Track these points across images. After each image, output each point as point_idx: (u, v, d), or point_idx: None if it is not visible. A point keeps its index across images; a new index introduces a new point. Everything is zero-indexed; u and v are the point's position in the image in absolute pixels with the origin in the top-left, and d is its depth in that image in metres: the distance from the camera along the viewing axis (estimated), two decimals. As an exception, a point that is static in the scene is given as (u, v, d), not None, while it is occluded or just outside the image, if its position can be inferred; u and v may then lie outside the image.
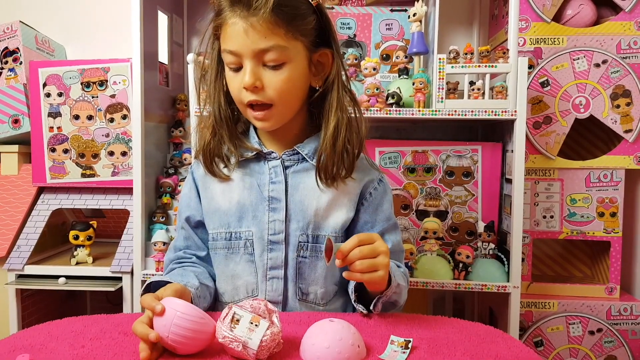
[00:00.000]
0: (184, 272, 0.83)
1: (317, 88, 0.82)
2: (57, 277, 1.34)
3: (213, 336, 0.63)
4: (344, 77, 0.83)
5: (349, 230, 0.86)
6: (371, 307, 0.77)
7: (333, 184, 0.82)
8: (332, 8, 1.45)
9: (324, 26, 0.80)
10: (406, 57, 1.35)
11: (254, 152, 0.85)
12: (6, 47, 1.53)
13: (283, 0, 0.73)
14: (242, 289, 0.85)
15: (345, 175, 0.82)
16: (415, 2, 1.31)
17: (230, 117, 0.84)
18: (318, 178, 0.82)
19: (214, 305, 0.88)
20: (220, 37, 0.78)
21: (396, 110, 1.23)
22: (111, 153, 1.47)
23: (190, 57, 1.27)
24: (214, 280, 0.88)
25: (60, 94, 1.47)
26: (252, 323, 0.62)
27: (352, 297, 0.80)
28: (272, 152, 0.84)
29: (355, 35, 1.45)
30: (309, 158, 0.83)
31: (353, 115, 0.84)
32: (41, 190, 1.51)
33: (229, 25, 0.75)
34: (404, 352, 0.64)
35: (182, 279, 0.79)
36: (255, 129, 0.87)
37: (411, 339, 0.67)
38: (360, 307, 0.79)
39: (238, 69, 0.77)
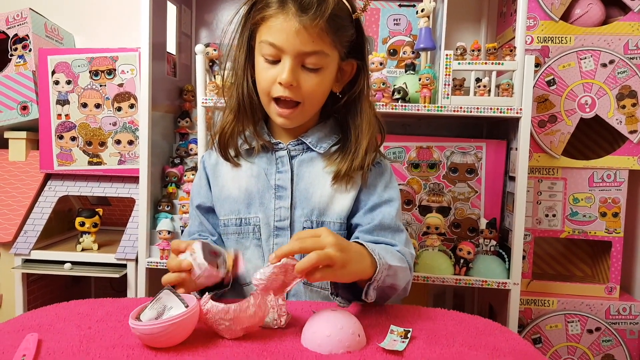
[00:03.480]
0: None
1: (337, 94, 0.86)
2: (63, 262, 1.36)
3: (192, 324, 0.64)
4: (366, 89, 0.87)
5: (350, 215, 0.88)
6: (363, 297, 0.73)
7: (344, 179, 0.85)
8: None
9: (359, 40, 0.84)
10: (413, 52, 1.35)
11: (261, 143, 0.88)
12: (16, 34, 1.54)
13: (336, 11, 0.76)
14: (252, 272, 0.86)
15: (360, 170, 0.86)
16: (424, -2, 1.31)
17: (254, 104, 0.86)
18: (335, 180, 0.84)
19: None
20: (260, 26, 0.80)
21: (402, 106, 1.24)
22: (118, 142, 1.48)
23: (198, 48, 1.28)
24: None
25: (68, 82, 1.48)
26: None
27: (330, 289, 0.76)
28: (280, 143, 0.88)
29: (362, 29, 1.45)
30: (313, 146, 0.87)
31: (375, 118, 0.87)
32: (48, 177, 1.53)
33: (279, 20, 0.76)
34: (403, 342, 0.65)
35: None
36: (266, 122, 0.90)
37: (410, 329, 0.68)
38: (338, 301, 0.75)
39: (274, 61, 0.79)
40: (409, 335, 0.67)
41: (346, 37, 0.81)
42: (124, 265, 1.36)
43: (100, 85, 1.48)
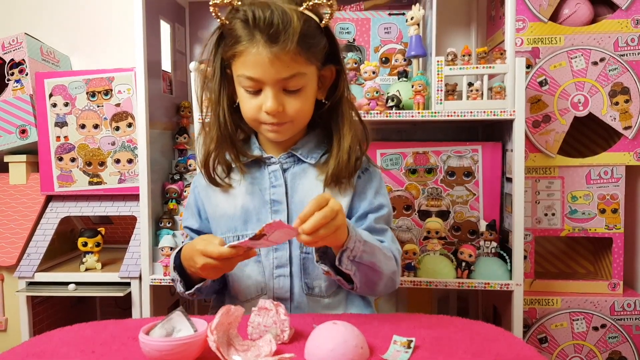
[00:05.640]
0: None
1: (323, 101, 0.87)
2: (67, 283, 1.37)
3: (200, 348, 0.64)
4: (346, 92, 0.88)
5: None
6: (337, 263, 0.77)
7: (337, 186, 0.87)
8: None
9: (332, 46, 0.84)
10: (405, 60, 1.37)
11: (250, 159, 0.89)
12: (12, 59, 1.56)
13: (304, 31, 0.76)
14: (253, 288, 0.89)
15: (350, 177, 0.87)
16: (413, 6, 1.32)
17: (233, 131, 0.87)
18: (326, 186, 0.86)
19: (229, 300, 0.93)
20: (234, 61, 0.80)
21: (396, 113, 1.25)
22: (117, 161, 1.49)
23: (192, 65, 1.29)
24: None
25: (66, 104, 1.50)
26: None
27: (315, 257, 0.80)
28: (271, 157, 0.89)
29: (354, 39, 1.47)
30: (304, 158, 0.88)
31: (357, 119, 0.88)
32: (49, 199, 1.54)
33: (251, 54, 0.77)
34: (406, 352, 0.66)
35: None
36: (256, 135, 0.91)
37: (413, 339, 0.69)
38: (323, 267, 0.80)
39: (255, 91, 0.81)
40: (412, 345, 0.67)
41: (319, 49, 0.81)
42: (128, 284, 1.37)
43: (98, 106, 1.49)
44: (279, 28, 0.74)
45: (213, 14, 0.79)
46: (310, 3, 0.78)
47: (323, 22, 0.80)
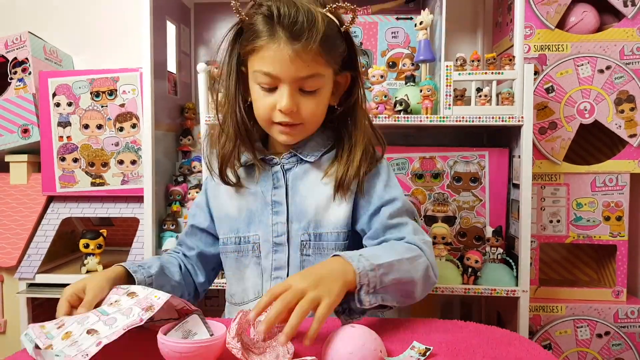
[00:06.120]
0: (152, 260, 0.88)
1: (335, 107, 0.86)
2: (68, 285, 1.34)
3: (219, 351, 0.63)
4: (361, 99, 0.87)
5: (353, 222, 0.86)
6: (358, 305, 0.69)
7: (344, 194, 0.85)
8: (339, 17, 1.46)
9: (350, 51, 0.83)
10: (413, 64, 1.37)
11: (256, 158, 0.88)
12: (15, 58, 1.54)
13: (327, 32, 0.75)
14: (250, 291, 0.88)
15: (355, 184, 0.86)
16: (422, 11, 1.32)
17: (250, 128, 0.86)
18: (337, 193, 0.84)
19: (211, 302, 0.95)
20: (252, 56, 0.79)
21: (404, 117, 1.25)
22: (121, 162, 1.48)
23: (200, 67, 1.28)
24: (195, 278, 0.95)
25: (69, 104, 1.48)
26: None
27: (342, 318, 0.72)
28: (273, 158, 0.88)
29: (361, 43, 1.46)
30: (304, 157, 0.87)
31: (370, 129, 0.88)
32: (51, 200, 1.52)
33: (271, 50, 0.76)
34: (419, 359, 0.65)
35: (141, 265, 0.84)
36: (262, 137, 0.91)
37: (431, 348, 0.67)
38: (343, 318, 0.72)
39: (271, 89, 0.79)
40: (427, 353, 0.66)
41: (338, 53, 0.81)
42: (130, 286, 1.35)
43: (102, 106, 1.48)
44: (303, 26, 0.73)
45: (234, 9, 0.78)
46: (334, 6, 0.77)
47: (344, 27, 0.79)
